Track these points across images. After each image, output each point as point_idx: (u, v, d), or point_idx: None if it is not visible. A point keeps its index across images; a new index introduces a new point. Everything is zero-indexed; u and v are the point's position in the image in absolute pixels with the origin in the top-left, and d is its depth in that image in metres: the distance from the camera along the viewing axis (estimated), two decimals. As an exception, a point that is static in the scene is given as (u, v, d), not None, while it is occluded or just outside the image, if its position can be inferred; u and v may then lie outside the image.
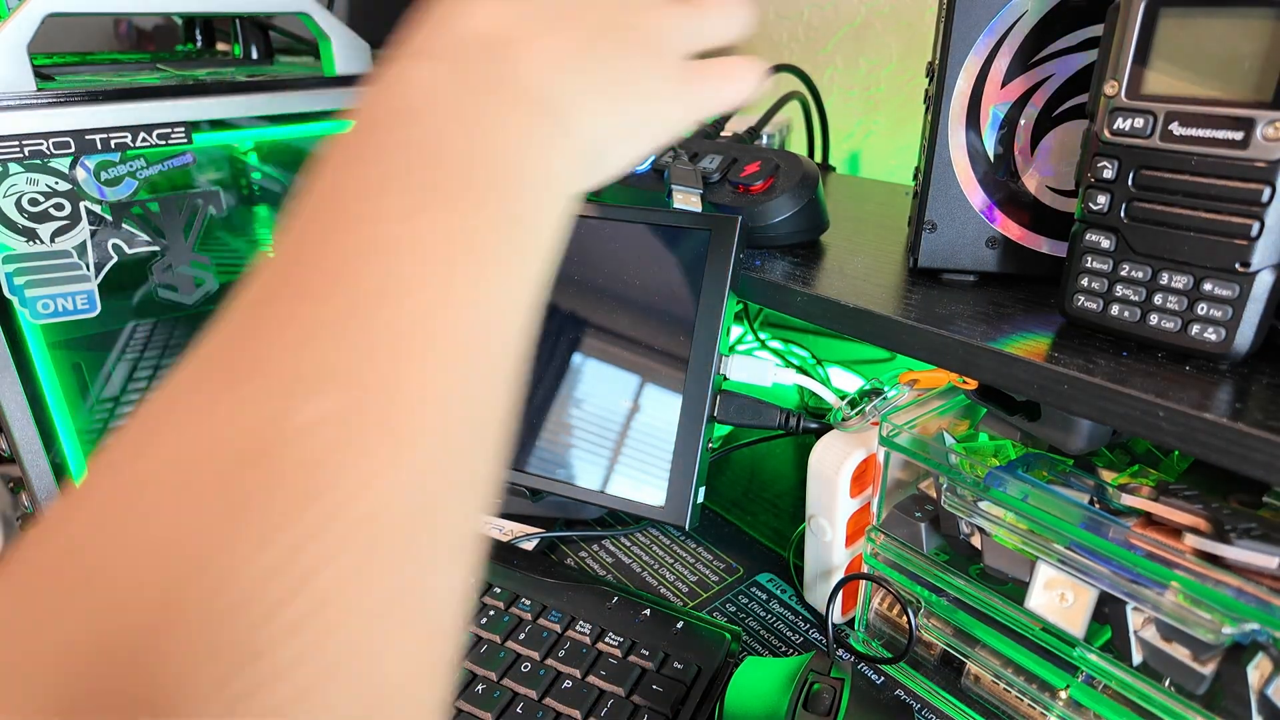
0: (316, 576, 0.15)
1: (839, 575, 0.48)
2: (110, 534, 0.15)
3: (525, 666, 0.44)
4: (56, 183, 0.48)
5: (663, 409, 0.48)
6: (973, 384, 0.44)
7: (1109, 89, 0.31)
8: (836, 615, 0.49)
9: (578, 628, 0.46)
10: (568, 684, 0.43)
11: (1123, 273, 0.32)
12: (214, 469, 0.16)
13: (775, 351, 0.74)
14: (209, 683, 0.14)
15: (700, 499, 0.48)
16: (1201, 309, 0.31)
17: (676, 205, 0.49)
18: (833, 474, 0.45)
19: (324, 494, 0.16)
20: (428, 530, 0.18)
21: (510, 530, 0.57)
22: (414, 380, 0.18)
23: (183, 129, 0.51)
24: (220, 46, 0.77)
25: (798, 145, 0.69)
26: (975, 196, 0.39)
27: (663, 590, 0.53)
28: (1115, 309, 0.33)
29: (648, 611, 0.47)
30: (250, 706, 0.14)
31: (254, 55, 0.70)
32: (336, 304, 0.18)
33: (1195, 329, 0.31)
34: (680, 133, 0.34)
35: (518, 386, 0.22)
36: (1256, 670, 0.33)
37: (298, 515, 0.15)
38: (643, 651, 0.44)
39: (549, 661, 0.44)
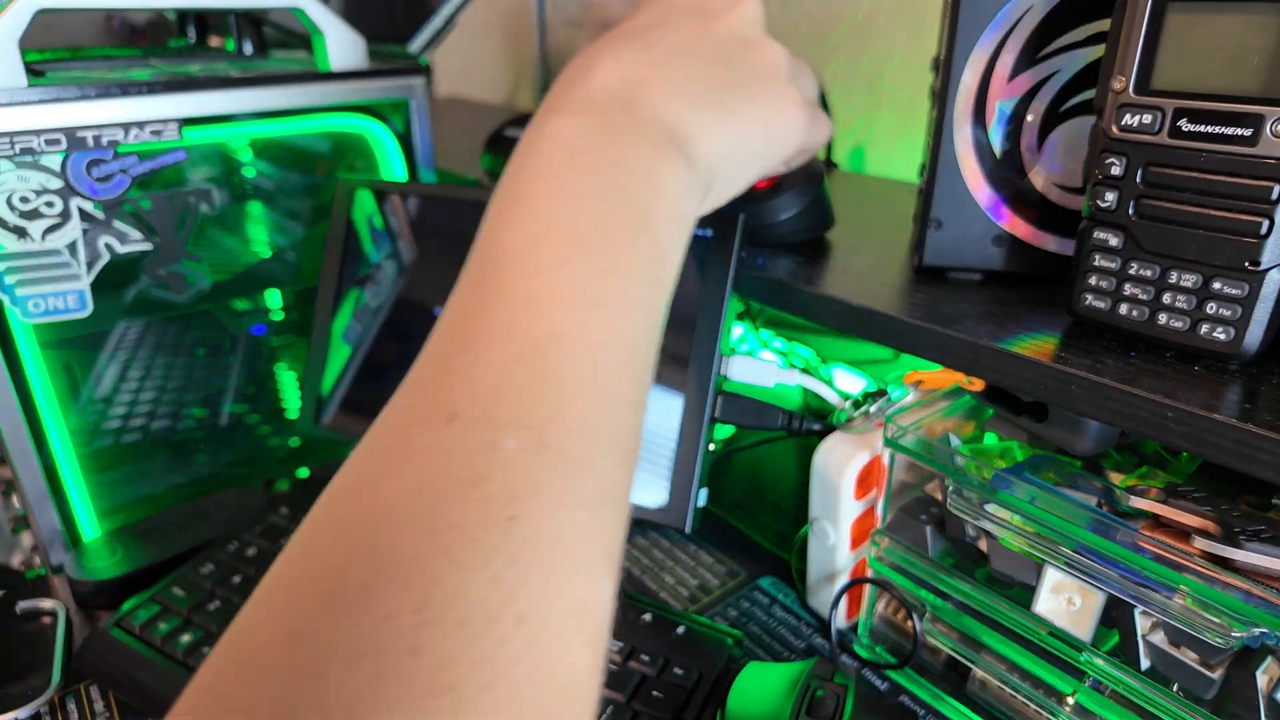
0: (522, 587, 0.18)
1: (843, 579, 0.48)
2: (363, 558, 0.18)
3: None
4: (48, 180, 0.48)
5: (663, 410, 0.47)
6: (979, 384, 0.43)
7: (1116, 84, 0.31)
8: (840, 620, 0.48)
9: (577, 631, 0.45)
10: (567, 688, 0.42)
11: (1131, 271, 0.32)
12: (443, 498, 0.19)
13: (778, 351, 0.74)
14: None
15: (702, 501, 0.47)
16: (1211, 308, 0.30)
17: None
18: (836, 476, 0.45)
19: (523, 519, 0.19)
20: (597, 544, 0.21)
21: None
22: (578, 412, 0.22)
23: (175, 125, 0.51)
24: (213, 41, 0.77)
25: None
26: (981, 193, 0.39)
27: (663, 594, 0.53)
28: (1123, 308, 0.32)
29: (648, 616, 0.46)
30: (483, 694, 0.17)
31: (247, 50, 0.69)
32: (513, 350, 0.22)
33: (1204, 328, 0.30)
34: (786, 157, 0.36)
35: (647, 402, 0.25)
36: (1265, 675, 0.33)
37: (504, 538, 0.19)
38: (643, 657, 0.44)
39: (548, 666, 0.43)
